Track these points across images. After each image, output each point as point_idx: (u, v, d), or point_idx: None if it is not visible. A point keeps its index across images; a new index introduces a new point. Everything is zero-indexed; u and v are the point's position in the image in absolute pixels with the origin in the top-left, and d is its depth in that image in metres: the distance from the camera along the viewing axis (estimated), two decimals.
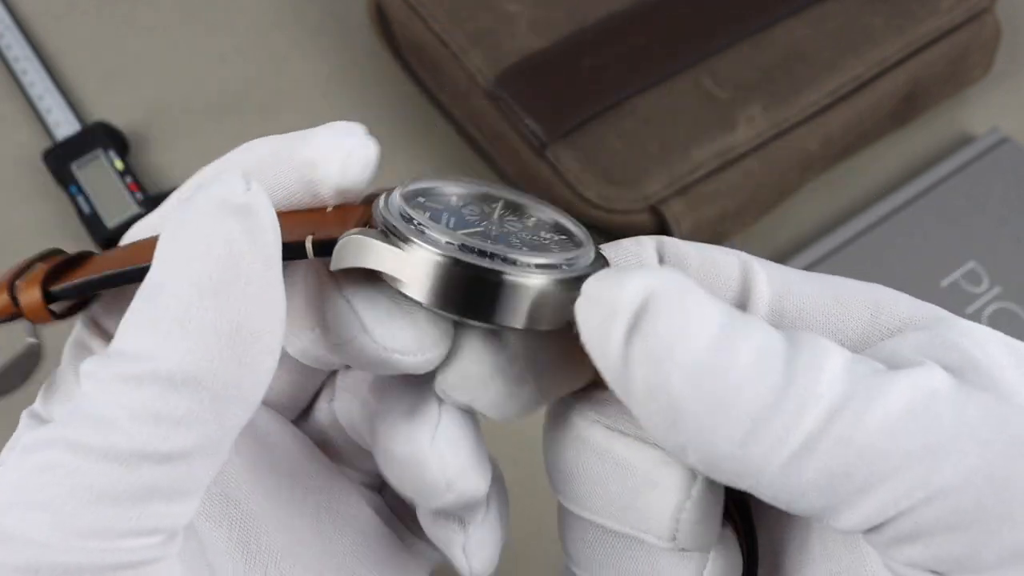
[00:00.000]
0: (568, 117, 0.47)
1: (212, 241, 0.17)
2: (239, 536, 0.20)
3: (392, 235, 0.18)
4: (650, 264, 0.19)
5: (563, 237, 0.20)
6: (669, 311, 0.16)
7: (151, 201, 0.51)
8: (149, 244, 0.18)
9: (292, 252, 0.18)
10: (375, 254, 0.18)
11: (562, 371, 0.19)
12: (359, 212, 0.19)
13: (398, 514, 0.24)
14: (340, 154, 0.19)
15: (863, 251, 0.49)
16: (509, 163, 0.49)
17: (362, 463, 0.24)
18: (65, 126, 0.53)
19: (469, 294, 0.17)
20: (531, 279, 0.17)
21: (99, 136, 0.52)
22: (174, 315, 0.16)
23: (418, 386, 0.20)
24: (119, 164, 0.51)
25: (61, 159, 0.51)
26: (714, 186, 0.47)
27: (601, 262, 0.19)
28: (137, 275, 0.18)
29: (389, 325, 0.19)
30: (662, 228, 0.46)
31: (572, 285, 0.18)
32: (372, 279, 0.19)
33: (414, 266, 0.18)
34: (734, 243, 0.50)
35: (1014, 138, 0.53)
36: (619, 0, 0.50)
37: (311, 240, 0.18)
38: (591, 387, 0.20)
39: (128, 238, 0.21)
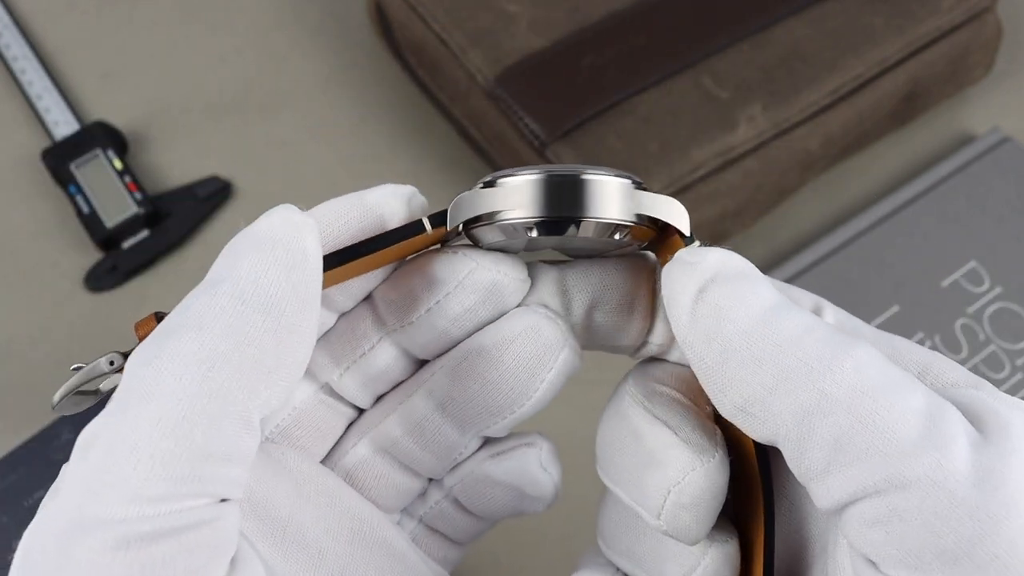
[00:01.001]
0: (568, 117, 0.47)
1: (274, 248, 0.19)
2: (290, 559, 0.22)
3: (490, 185, 0.22)
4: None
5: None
6: (735, 280, 0.20)
7: (150, 201, 0.51)
8: None
9: (413, 229, 0.22)
10: (483, 198, 0.22)
11: (612, 306, 0.23)
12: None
13: (421, 544, 0.26)
14: (404, 193, 0.23)
15: (863, 251, 0.49)
16: (509, 163, 0.49)
17: (387, 500, 0.25)
18: (64, 126, 0.53)
19: (564, 195, 0.21)
20: (609, 178, 0.21)
21: (98, 136, 0.52)
22: (230, 296, 0.19)
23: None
24: (118, 164, 0.51)
25: (60, 159, 0.51)
26: (714, 186, 0.47)
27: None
28: None
29: (493, 256, 0.23)
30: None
31: (637, 187, 0.22)
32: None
33: (515, 192, 0.21)
34: (734, 243, 0.50)
35: (1015, 138, 0.53)
36: (619, 0, 0.50)
37: (426, 217, 0.22)
38: (650, 380, 0.23)
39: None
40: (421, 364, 0.24)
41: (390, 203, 0.22)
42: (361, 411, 0.25)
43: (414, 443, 0.24)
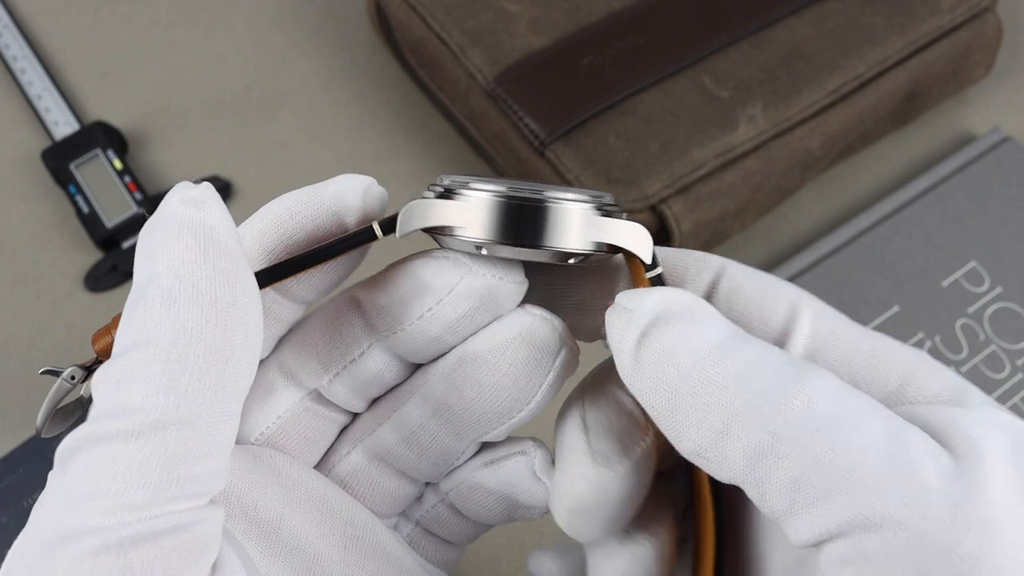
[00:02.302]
0: (568, 116, 0.47)
1: (181, 233, 0.19)
2: (285, 565, 0.22)
3: (446, 195, 0.21)
4: (682, 285, 0.22)
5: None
6: (677, 321, 0.19)
7: (150, 201, 0.51)
8: None
9: (363, 236, 0.21)
10: (436, 210, 0.21)
11: (581, 313, 0.23)
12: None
13: (417, 546, 0.26)
14: (359, 188, 0.22)
15: (863, 251, 0.49)
16: (509, 162, 0.49)
17: (382, 507, 0.25)
18: (64, 126, 0.53)
19: (522, 221, 0.21)
20: (570, 205, 0.21)
21: (98, 136, 0.52)
22: (160, 300, 0.18)
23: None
24: (118, 164, 0.51)
25: (60, 159, 0.51)
26: (714, 186, 0.46)
27: (619, 207, 0.22)
28: None
29: (486, 260, 0.22)
30: (662, 228, 0.46)
31: (600, 210, 0.21)
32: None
33: (471, 210, 0.21)
34: (734, 243, 0.50)
35: (1015, 137, 0.53)
36: (619, 0, 0.50)
37: (376, 222, 0.21)
38: (610, 381, 0.23)
39: None
40: (415, 366, 0.24)
41: (345, 199, 0.22)
42: (354, 416, 0.25)
43: (409, 450, 0.24)
